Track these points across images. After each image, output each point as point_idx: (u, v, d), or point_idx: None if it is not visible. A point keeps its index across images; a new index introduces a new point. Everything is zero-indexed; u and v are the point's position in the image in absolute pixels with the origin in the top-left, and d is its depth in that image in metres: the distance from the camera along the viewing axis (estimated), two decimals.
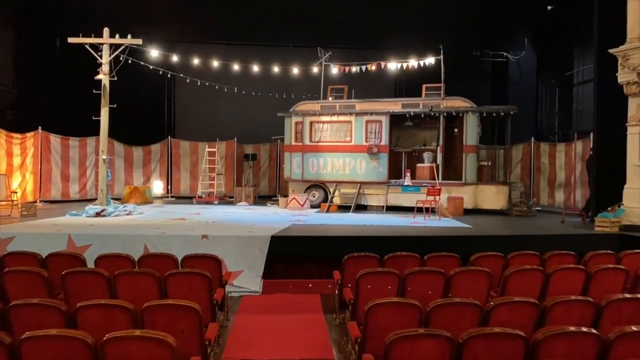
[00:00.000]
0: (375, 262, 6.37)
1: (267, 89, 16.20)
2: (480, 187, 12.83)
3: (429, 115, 13.20)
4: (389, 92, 16.94)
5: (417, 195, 12.14)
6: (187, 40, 16.86)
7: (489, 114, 12.75)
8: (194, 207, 13.39)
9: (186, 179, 16.96)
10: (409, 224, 10.29)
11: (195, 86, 17.53)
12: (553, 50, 18.35)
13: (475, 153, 12.88)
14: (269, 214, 11.88)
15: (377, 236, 8.49)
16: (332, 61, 14.48)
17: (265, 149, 17.60)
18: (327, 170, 13.68)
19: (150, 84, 16.93)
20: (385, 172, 13.20)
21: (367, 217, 11.56)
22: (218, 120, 18.30)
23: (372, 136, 13.38)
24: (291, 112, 14.10)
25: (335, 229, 9.35)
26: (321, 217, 11.47)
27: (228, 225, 9.58)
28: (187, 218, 10.71)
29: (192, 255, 6.30)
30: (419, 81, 14.41)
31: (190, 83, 17.47)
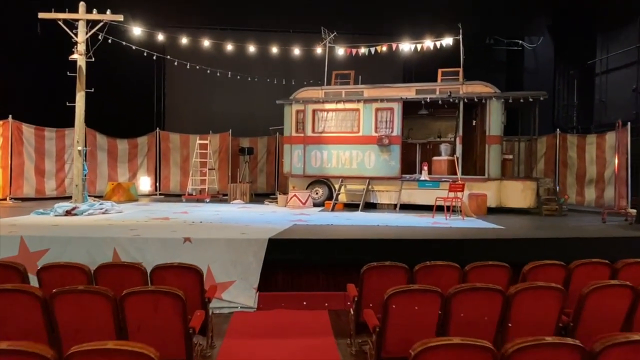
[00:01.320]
0: (402, 275, 4.93)
1: (265, 74, 14.71)
2: (504, 183, 11.39)
3: (447, 102, 11.74)
4: (397, 80, 15.46)
5: (435, 192, 10.70)
6: (175, 24, 15.34)
7: (515, 101, 11.29)
8: (183, 206, 11.93)
9: (176, 174, 15.50)
10: (429, 224, 8.84)
11: (186, 74, 16.09)
12: (572, 38, 16.93)
13: (500, 145, 11.43)
14: (267, 213, 10.42)
15: (396, 239, 7.03)
16: (337, 44, 13.00)
17: (263, 143, 16.14)
18: (332, 164, 12.22)
19: (138, 70, 15.49)
20: (397, 166, 11.74)
21: (379, 216, 10.10)
22: (212, 111, 16.85)
23: (383, 126, 11.92)
24: (291, 99, 12.64)
25: (344, 231, 7.90)
26: (326, 216, 10.02)
27: (218, 226, 8.12)
28: (172, 217, 9.24)
29: (165, 265, 4.83)
30: (432, 67, 12.95)
31: (181, 70, 16.02)
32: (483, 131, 12.16)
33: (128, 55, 13.15)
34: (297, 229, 7.96)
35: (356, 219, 9.45)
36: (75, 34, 10.83)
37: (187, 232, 7.20)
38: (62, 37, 10.85)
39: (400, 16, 14.35)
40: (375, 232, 7.78)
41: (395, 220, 9.38)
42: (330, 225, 8.48)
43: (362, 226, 8.44)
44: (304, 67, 14.84)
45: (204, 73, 15.82)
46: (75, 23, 10.83)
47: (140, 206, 11.79)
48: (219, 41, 13.47)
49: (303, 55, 13.91)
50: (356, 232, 7.69)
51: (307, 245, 6.82)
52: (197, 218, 9.14)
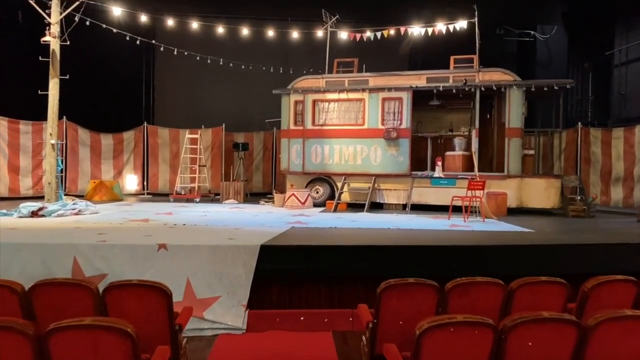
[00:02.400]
0: (431, 296, 3.80)
1: (261, 62, 13.54)
2: (526, 180, 10.25)
3: (461, 92, 10.61)
4: (403, 69, 14.30)
5: (451, 191, 9.56)
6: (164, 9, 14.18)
7: (538, 90, 10.15)
8: (169, 206, 10.78)
9: (165, 172, 14.35)
10: (446, 227, 7.71)
11: (177, 64, 15.02)
12: (588, 28, 15.84)
13: (521, 138, 10.30)
14: (261, 214, 9.29)
15: (413, 246, 5.89)
16: (339, 29, 11.86)
17: (259, 138, 15.00)
18: (334, 160, 11.08)
19: (125, 59, 14.34)
20: (406, 162, 10.61)
21: (387, 218, 8.97)
22: (204, 104, 15.71)
23: (390, 117, 10.79)
24: (289, 89, 11.50)
25: (350, 235, 6.76)
26: (328, 217, 8.89)
27: (202, 230, 6.98)
28: (152, 219, 8.10)
29: (121, 283, 3.70)
30: (441, 55, 11.82)
31: (171, 60, 14.89)
32: (501, 123, 11.06)
33: (114, 42, 12.03)
34: (295, 232, 6.83)
35: (362, 221, 8.31)
36: (48, 15, 9.70)
37: (164, 237, 6.06)
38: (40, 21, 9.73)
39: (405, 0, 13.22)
40: (387, 236, 6.65)
41: (407, 222, 8.25)
42: (333, 228, 7.35)
43: (370, 229, 7.30)
44: (303, 55, 13.73)
45: (196, 64, 14.67)
46: (48, 2, 9.72)
47: (122, 206, 10.65)
48: (210, 23, 12.29)
49: (302, 41, 12.79)
50: (364, 237, 6.54)
51: (307, 252, 5.68)
52: (181, 220, 8.00)
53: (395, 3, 12.89)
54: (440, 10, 11.42)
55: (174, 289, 5.42)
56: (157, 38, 13.93)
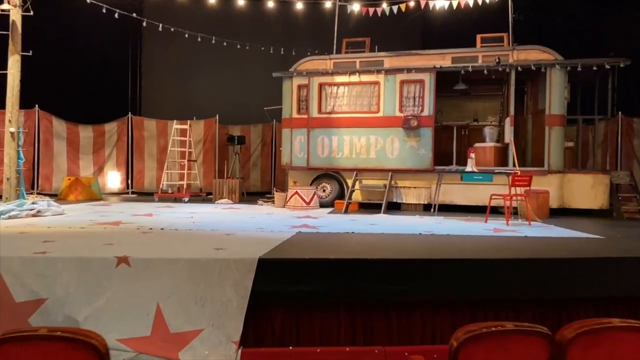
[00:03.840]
0: (541, 350, 2.30)
1: (260, 43, 12.00)
2: (569, 176, 8.77)
3: (490, 75, 9.11)
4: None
5: (485, 188, 8.07)
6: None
7: (586, 70, 8.65)
8: (152, 206, 9.27)
9: (152, 169, 12.83)
10: (490, 232, 6.20)
11: (166, 47, 13.59)
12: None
13: (563, 127, 8.81)
14: (259, 216, 7.78)
15: (464, 259, 4.36)
16: (348, 3, 10.36)
17: (257, 132, 13.49)
18: (344, 153, 9.58)
19: (108, 41, 12.80)
20: (428, 154, 9.11)
21: (412, 221, 7.47)
22: (196, 93, 14.18)
23: (410, 103, 9.29)
24: (292, 71, 9.99)
25: (375, 244, 5.23)
26: (340, 220, 7.38)
27: (184, 236, 5.45)
28: (125, 222, 6.58)
29: (20, 334, 2.18)
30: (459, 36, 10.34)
31: (160, 43, 13.60)
32: (537, 111, 9.57)
33: (95, 18, 10.51)
34: (302, 240, 5.30)
35: (383, 225, 6.79)
36: None
37: (130, 247, 4.54)
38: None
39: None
40: (423, 245, 5.13)
41: (438, 226, 6.74)
42: (350, 234, 5.83)
43: (398, 236, 5.77)
44: (306, 35, 12.23)
45: (187, 48, 13.22)
46: None
47: (97, 207, 9.11)
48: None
49: (306, 20, 11.29)
50: (394, 246, 5.02)
51: (322, 268, 4.16)
52: (161, 223, 6.48)
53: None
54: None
55: (138, 319, 3.96)
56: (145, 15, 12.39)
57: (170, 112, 13.28)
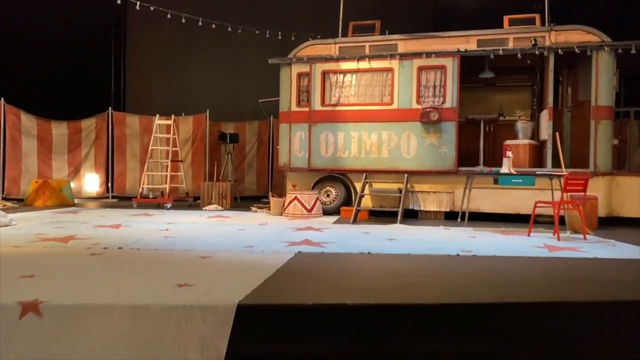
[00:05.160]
0: None
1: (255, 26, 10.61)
2: (618, 179, 7.41)
3: (529, 57, 7.74)
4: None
5: (523, 194, 6.72)
6: None
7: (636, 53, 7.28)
8: (126, 214, 7.90)
9: (135, 170, 11.44)
10: (543, 251, 4.84)
11: (153, 35, 12.26)
12: None
13: (612, 121, 7.45)
14: (251, 228, 6.40)
15: (553, 303, 2.98)
16: None
17: (253, 129, 12.12)
18: (351, 151, 8.21)
19: (87, 27, 11.48)
20: (452, 153, 7.75)
21: (438, 234, 6.10)
22: (185, 86, 12.80)
23: (429, 93, 7.93)
24: (291, 58, 8.63)
25: (401, 272, 3.85)
26: (349, 233, 6.01)
27: (143, 260, 4.08)
28: (80, 237, 5.21)
29: None
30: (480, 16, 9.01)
31: (145, 31, 12.24)
32: (578, 103, 8.22)
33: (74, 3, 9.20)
34: (302, 266, 3.93)
35: (404, 241, 5.41)
36: None
37: (52, 282, 3.17)
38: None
39: None
40: (472, 276, 3.73)
41: (473, 242, 5.37)
42: (365, 256, 4.45)
43: (428, 258, 4.40)
44: (307, 18, 10.89)
45: (176, 36, 11.94)
46: None
47: (59, 214, 7.75)
48: None
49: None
50: (432, 278, 3.64)
51: (332, 320, 2.78)
52: (122, 240, 5.11)
53: None
54: None
55: None
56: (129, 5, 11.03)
57: (157, 107, 11.82)
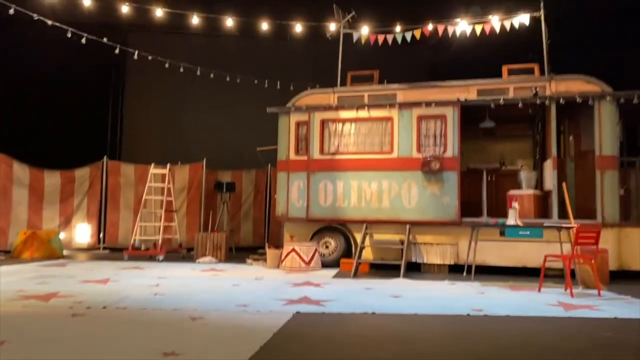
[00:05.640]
0: None
1: (253, 76, 10.58)
2: (626, 231, 7.17)
3: (530, 107, 7.67)
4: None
5: (530, 247, 6.46)
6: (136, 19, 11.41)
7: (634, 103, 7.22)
8: (116, 267, 7.55)
9: (128, 221, 11.09)
10: (559, 310, 4.52)
11: (151, 84, 12.33)
12: None
13: (617, 171, 7.29)
14: (245, 283, 6.06)
15: None
16: (355, 28, 9.07)
17: (250, 178, 11.91)
18: (351, 201, 7.98)
19: (85, 76, 11.49)
20: (454, 203, 7.52)
21: (444, 290, 5.78)
22: (182, 135, 12.74)
23: (430, 142, 7.80)
24: (290, 106, 8.56)
25: (412, 337, 3.53)
26: (351, 289, 5.67)
27: (128, 322, 3.76)
28: (64, 295, 4.88)
29: None
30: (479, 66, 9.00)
31: (144, 80, 12.31)
32: (581, 152, 8.09)
33: (72, 52, 9.20)
34: (301, 329, 3.61)
35: (409, 298, 5.09)
36: None
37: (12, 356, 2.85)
38: None
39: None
40: (489, 341, 3.42)
41: (482, 299, 5.05)
42: (369, 316, 4.13)
43: (437, 319, 4.08)
44: (305, 69, 10.93)
45: (174, 85, 11.98)
46: None
47: (46, 267, 7.40)
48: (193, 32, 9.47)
49: (305, 51, 9.98)
50: (447, 345, 3.32)
51: None
52: (109, 297, 4.77)
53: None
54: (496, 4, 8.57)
55: None
56: (127, 54, 11.07)
57: (153, 155, 11.67)
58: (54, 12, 8.66)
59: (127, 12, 9.02)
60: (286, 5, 10.22)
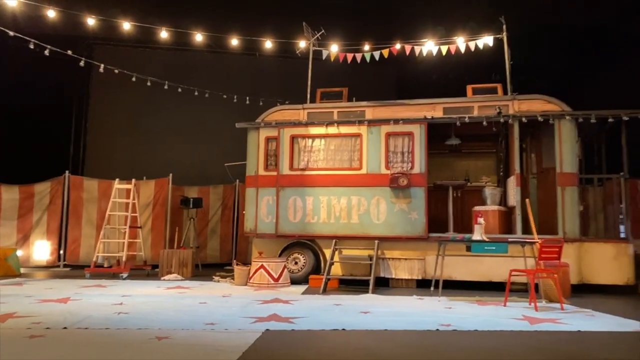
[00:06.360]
0: None
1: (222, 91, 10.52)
2: (586, 246, 7.41)
3: (494, 125, 7.88)
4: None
5: (496, 262, 6.59)
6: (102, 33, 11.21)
7: (600, 122, 7.54)
8: (77, 285, 7.29)
9: (91, 237, 10.75)
10: (524, 324, 4.61)
11: (117, 99, 12.08)
12: None
13: (577, 187, 7.55)
14: (212, 301, 5.95)
15: None
16: (324, 45, 9.18)
17: (217, 193, 11.76)
18: (320, 216, 7.98)
19: (48, 88, 11.19)
20: (422, 219, 7.62)
21: (412, 305, 5.82)
22: (150, 150, 12.52)
23: (398, 159, 7.91)
24: (259, 122, 8.54)
25: (383, 354, 3.53)
26: (320, 305, 5.63)
27: (87, 345, 3.62)
28: (21, 314, 4.66)
29: None
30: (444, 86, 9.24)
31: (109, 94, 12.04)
32: (543, 169, 8.36)
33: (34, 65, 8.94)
34: (271, 349, 3.55)
35: (379, 313, 5.09)
36: None
37: None
38: None
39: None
40: (455, 353, 3.45)
41: (450, 314, 5.09)
42: (340, 333, 4.11)
43: (408, 334, 4.09)
44: (275, 86, 10.93)
45: (140, 99, 11.80)
46: None
47: (2, 287, 7.06)
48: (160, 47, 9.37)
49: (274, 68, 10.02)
50: (413, 358, 3.33)
51: None
52: (69, 317, 4.59)
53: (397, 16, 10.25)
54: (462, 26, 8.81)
55: None
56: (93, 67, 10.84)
57: (118, 171, 11.37)
58: (16, 22, 8.43)
59: (93, 25, 8.89)
60: (256, 21, 10.27)
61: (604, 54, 11.29)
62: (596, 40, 11.20)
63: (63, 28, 8.98)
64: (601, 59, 11.28)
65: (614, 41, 11.11)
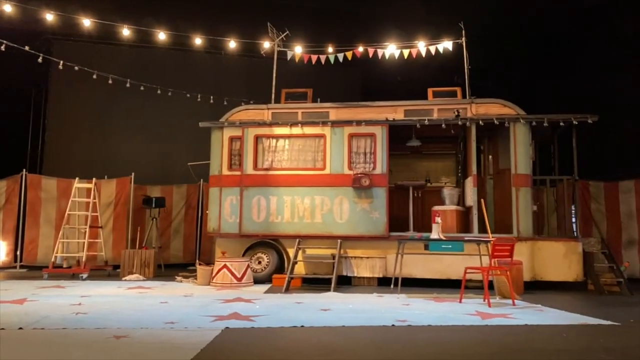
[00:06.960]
0: None
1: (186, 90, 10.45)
2: (539, 244, 7.73)
3: (453, 127, 8.12)
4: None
5: (453, 260, 6.80)
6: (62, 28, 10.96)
7: (552, 125, 7.88)
8: (34, 286, 7.13)
9: (49, 237, 10.49)
10: (477, 320, 4.81)
11: (77, 96, 11.83)
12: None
13: (530, 188, 7.87)
14: (174, 301, 5.94)
15: None
16: (289, 46, 9.25)
17: (181, 193, 11.66)
18: (284, 216, 8.05)
19: (4, 87, 10.84)
20: (383, 219, 7.80)
21: (372, 302, 5.97)
22: (112, 148, 12.29)
23: (360, 160, 8.06)
24: (223, 121, 8.54)
25: (337, 348, 3.64)
26: (282, 304, 5.71)
27: (43, 344, 3.59)
28: None
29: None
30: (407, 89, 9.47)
31: (69, 92, 11.77)
32: (499, 170, 8.66)
33: None
34: (229, 346, 3.61)
35: (338, 311, 5.21)
36: None
37: None
38: None
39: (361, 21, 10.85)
40: (413, 350, 3.59)
41: (407, 311, 5.26)
42: (298, 329, 4.20)
43: (363, 330, 4.22)
44: (239, 86, 10.94)
45: (102, 97, 11.60)
46: None
47: None
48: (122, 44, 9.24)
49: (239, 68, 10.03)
50: (369, 354, 3.45)
51: None
52: (26, 317, 4.53)
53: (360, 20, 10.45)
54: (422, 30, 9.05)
55: None
56: (52, 63, 10.58)
57: (78, 169, 11.16)
58: None
59: (52, 20, 8.70)
60: (221, 21, 10.25)
61: (558, 61, 11.78)
62: (550, 47, 11.69)
63: (20, 23, 8.76)
64: (555, 65, 11.77)
65: (567, 48, 11.61)
